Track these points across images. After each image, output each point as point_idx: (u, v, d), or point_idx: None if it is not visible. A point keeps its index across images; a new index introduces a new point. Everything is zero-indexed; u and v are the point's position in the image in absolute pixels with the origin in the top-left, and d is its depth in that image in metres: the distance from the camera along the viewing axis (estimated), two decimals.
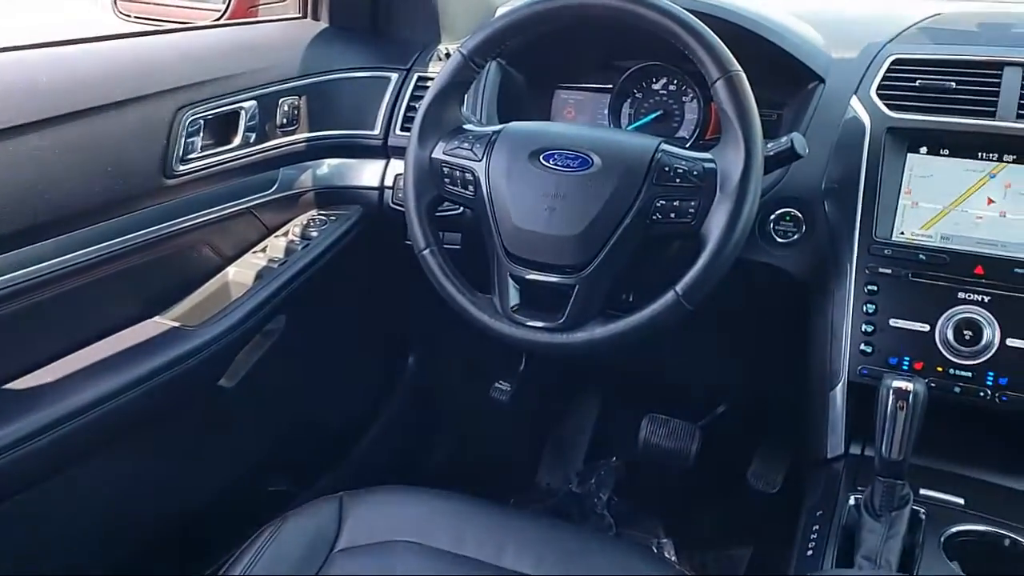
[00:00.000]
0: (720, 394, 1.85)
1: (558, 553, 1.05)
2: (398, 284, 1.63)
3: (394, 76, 1.55)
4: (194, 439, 1.41)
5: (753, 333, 1.56)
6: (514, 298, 1.16)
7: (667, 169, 1.09)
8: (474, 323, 1.18)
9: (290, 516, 1.11)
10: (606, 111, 1.50)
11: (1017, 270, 1.13)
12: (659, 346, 1.14)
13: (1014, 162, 1.16)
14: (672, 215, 1.09)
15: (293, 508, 1.14)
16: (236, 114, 1.35)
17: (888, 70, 1.26)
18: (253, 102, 1.37)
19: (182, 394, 1.29)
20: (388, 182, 1.52)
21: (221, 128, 1.35)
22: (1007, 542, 1.03)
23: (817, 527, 1.07)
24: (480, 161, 1.17)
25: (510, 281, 1.16)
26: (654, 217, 1.09)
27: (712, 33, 1.08)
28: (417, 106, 1.24)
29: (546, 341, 1.13)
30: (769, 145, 1.11)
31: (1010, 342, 1.12)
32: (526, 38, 1.22)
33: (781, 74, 1.30)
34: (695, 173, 1.08)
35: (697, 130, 1.43)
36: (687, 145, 1.39)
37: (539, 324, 1.13)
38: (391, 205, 1.50)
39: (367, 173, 1.54)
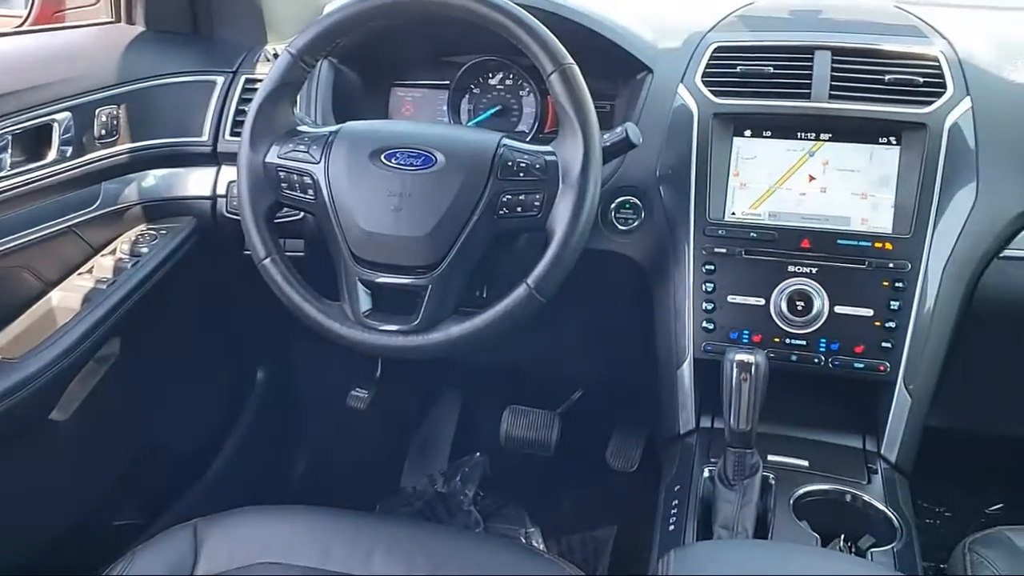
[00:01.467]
0: (577, 380, 1.89)
1: (427, 554, 1.04)
2: (240, 296, 1.57)
3: (220, 79, 1.49)
4: (28, 479, 1.31)
5: (604, 319, 1.60)
6: (365, 303, 1.13)
7: (510, 164, 1.09)
8: (324, 332, 1.14)
9: (140, 550, 1.05)
10: (445, 107, 1.49)
11: (840, 242, 1.20)
12: (516, 339, 1.14)
13: (830, 140, 1.24)
14: (519, 209, 1.09)
15: (143, 541, 1.07)
16: (48, 127, 1.26)
17: (711, 58, 1.31)
18: (67, 113, 1.28)
19: (9, 432, 1.19)
20: (221, 190, 1.45)
21: (32, 143, 1.25)
22: (848, 497, 1.10)
23: (676, 502, 1.11)
24: (318, 163, 1.14)
25: (359, 286, 1.13)
26: (501, 212, 1.09)
27: (543, 27, 1.09)
28: (247, 109, 1.19)
29: (401, 344, 1.12)
30: (605, 136, 1.14)
31: (838, 309, 1.19)
32: (357, 35, 1.19)
33: (612, 66, 1.34)
34: (537, 166, 1.09)
35: (536, 123, 1.45)
36: (528, 139, 1.40)
37: (393, 328, 1.11)
38: (226, 214, 1.44)
39: (197, 182, 1.47)
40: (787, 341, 1.21)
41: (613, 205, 1.31)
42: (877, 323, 1.18)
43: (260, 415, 1.86)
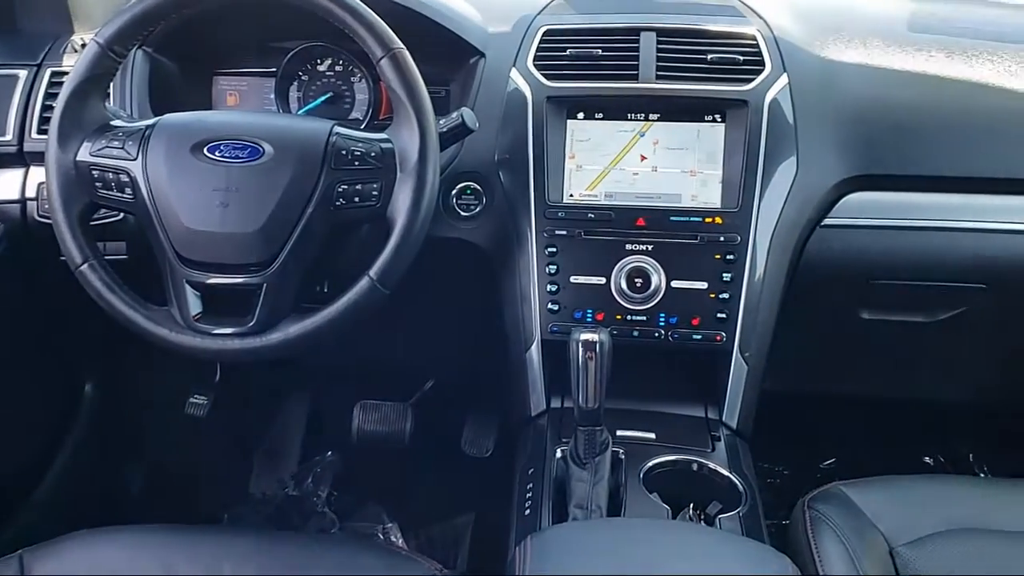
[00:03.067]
0: (428, 370, 1.87)
1: (280, 561, 1.00)
2: (61, 306, 1.45)
3: (23, 73, 1.37)
4: None
5: (451, 306, 1.59)
6: (195, 306, 1.07)
7: (344, 152, 1.06)
8: (153, 340, 1.07)
9: None
10: (273, 96, 1.43)
11: (672, 218, 1.24)
12: (363, 332, 1.11)
13: (659, 120, 1.27)
14: (356, 199, 1.06)
15: None
16: None
17: (541, 41, 1.32)
18: None
19: None
20: (30, 192, 1.33)
21: None
22: (694, 466, 1.14)
23: (531, 485, 1.11)
24: (135, 160, 1.06)
25: (188, 288, 1.07)
26: (338, 203, 1.06)
27: (370, 11, 1.06)
28: (54, 105, 1.09)
29: (238, 348, 1.06)
30: (441, 122, 1.12)
31: (674, 284, 1.23)
32: (173, 22, 1.12)
33: (443, 50, 1.32)
34: (373, 155, 1.06)
35: (370, 110, 1.41)
36: (362, 126, 1.37)
37: (228, 330, 1.06)
38: (37, 218, 1.32)
39: (4, 185, 1.34)
40: (628, 317, 1.24)
41: (454, 191, 1.30)
42: (712, 295, 1.23)
43: (91, 430, 1.74)
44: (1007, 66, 1.29)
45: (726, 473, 1.12)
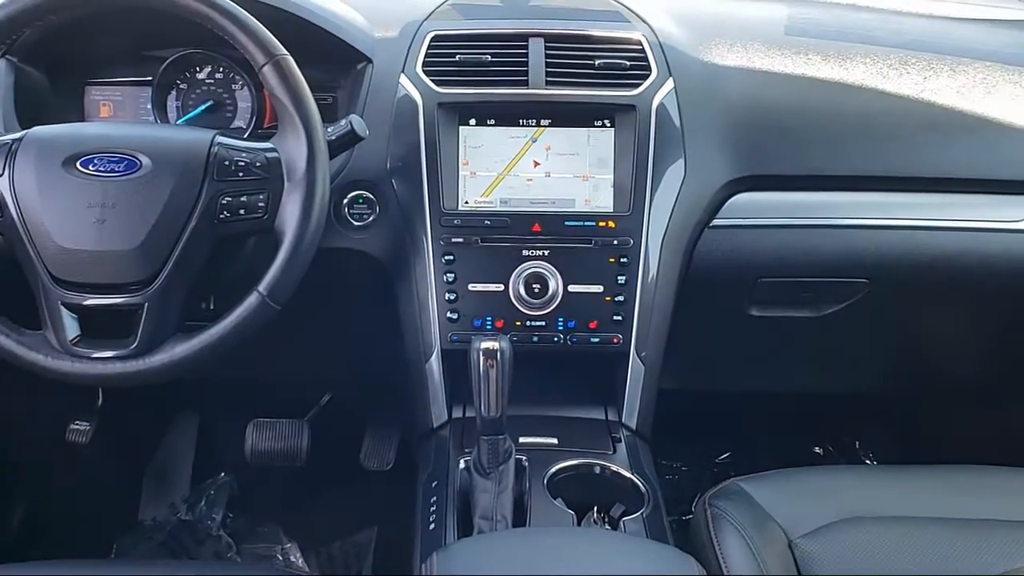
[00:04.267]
0: (324, 384, 1.83)
1: None
2: None
3: None
4: None
5: (347, 318, 1.55)
6: (72, 329, 1.01)
7: (227, 163, 1.02)
8: (27, 366, 1.01)
9: None
10: (150, 106, 1.37)
11: (567, 223, 1.24)
12: (255, 348, 1.07)
13: (550, 125, 1.27)
14: (241, 212, 1.02)
15: None
16: None
17: (429, 47, 1.30)
18: None
19: None
20: None
21: None
22: (597, 469, 1.14)
23: (435, 498, 1.09)
24: (1, 176, 1.00)
25: (64, 311, 1.01)
26: (222, 216, 1.02)
27: (250, 17, 1.03)
28: None
29: (120, 372, 1.01)
30: (329, 129, 1.09)
31: (571, 288, 1.23)
32: (38, 30, 1.06)
33: (329, 56, 1.29)
34: (258, 164, 1.03)
35: (254, 118, 1.37)
36: (245, 135, 1.32)
37: (108, 354, 1.00)
38: None
39: None
40: (528, 323, 1.24)
41: (346, 200, 1.27)
42: (608, 298, 1.24)
43: None
44: (878, 68, 1.34)
45: (628, 474, 1.13)
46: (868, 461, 1.88)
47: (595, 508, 1.10)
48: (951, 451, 1.42)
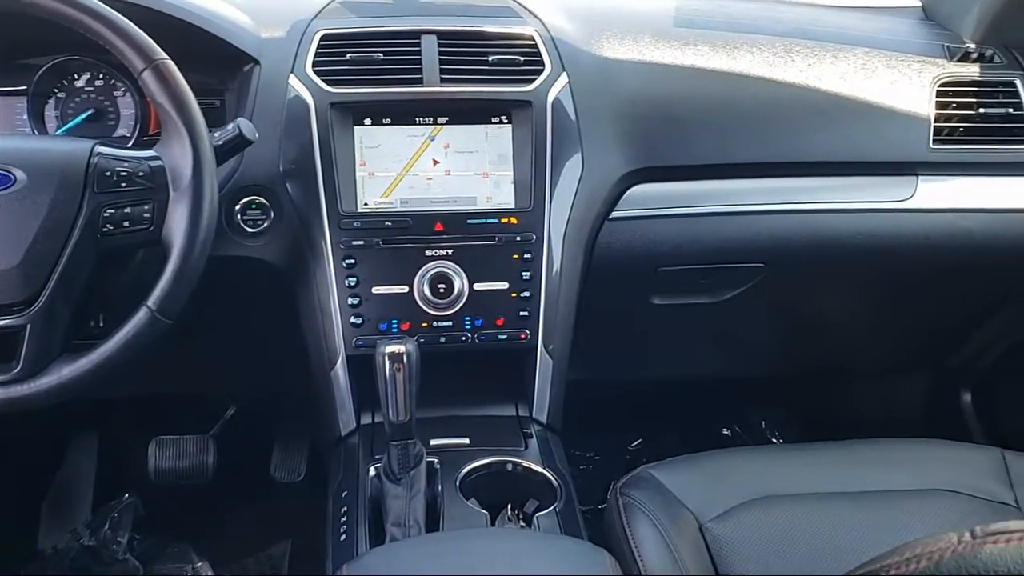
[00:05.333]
0: (228, 397, 1.77)
1: None
2: None
3: None
4: None
5: (247, 328, 1.51)
6: None
7: (108, 174, 0.98)
8: None
9: None
10: (26, 116, 1.30)
11: (469, 221, 1.23)
12: (153, 363, 1.03)
13: (448, 123, 1.26)
14: (126, 224, 0.99)
15: None
16: None
17: (319, 46, 1.27)
18: None
19: None
20: None
21: None
22: (509, 467, 1.14)
23: (345, 508, 1.07)
24: None
25: None
26: (105, 229, 0.98)
27: (127, 21, 0.99)
28: None
29: (4, 398, 0.96)
30: (216, 134, 1.06)
31: (477, 286, 1.23)
32: None
33: (213, 58, 1.24)
34: (141, 174, 0.99)
35: (138, 126, 1.31)
36: (130, 144, 1.27)
37: None
38: None
39: None
40: (434, 324, 1.22)
41: (238, 207, 1.23)
42: (513, 295, 1.23)
43: None
44: (764, 56, 1.37)
45: (540, 470, 1.13)
46: (774, 440, 1.94)
47: (509, 505, 1.10)
48: (851, 426, 1.47)
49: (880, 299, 1.56)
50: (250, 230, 1.23)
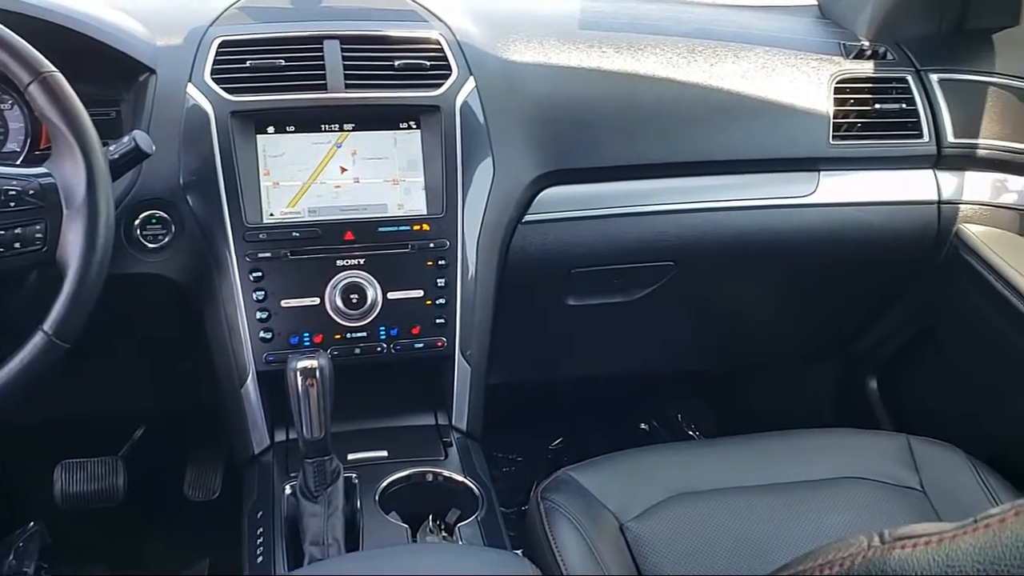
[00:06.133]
0: (137, 417, 1.71)
1: None
2: None
3: None
4: None
5: (153, 346, 1.46)
6: None
7: None
8: None
9: None
10: None
11: (381, 229, 1.21)
12: (56, 386, 0.99)
13: (354, 129, 1.23)
14: (17, 245, 0.94)
15: None
16: None
17: (217, 53, 1.23)
18: None
19: None
20: None
21: None
22: (429, 477, 1.13)
23: (261, 529, 1.05)
24: None
25: None
26: None
27: (10, 32, 0.94)
28: None
29: None
30: (111, 148, 1.02)
31: (391, 295, 1.21)
32: None
33: (106, 69, 1.19)
34: (31, 192, 0.94)
35: (28, 141, 1.25)
36: (20, 160, 1.21)
37: None
38: None
39: None
40: (348, 335, 1.20)
41: (137, 222, 1.18)
42: (428, 302, 1.22)
43: None
44: (668, 57, 1.39)
45: (461, 479, 1.12)
46: (692, 433, 1.98)
47: (431, 517, 1.09)
48: (765, 416, 1.50)
49: (788, 292, 1.60)
50: (150, 246, 1.19)
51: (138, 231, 1.18)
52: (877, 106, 1.43)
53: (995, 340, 1.42)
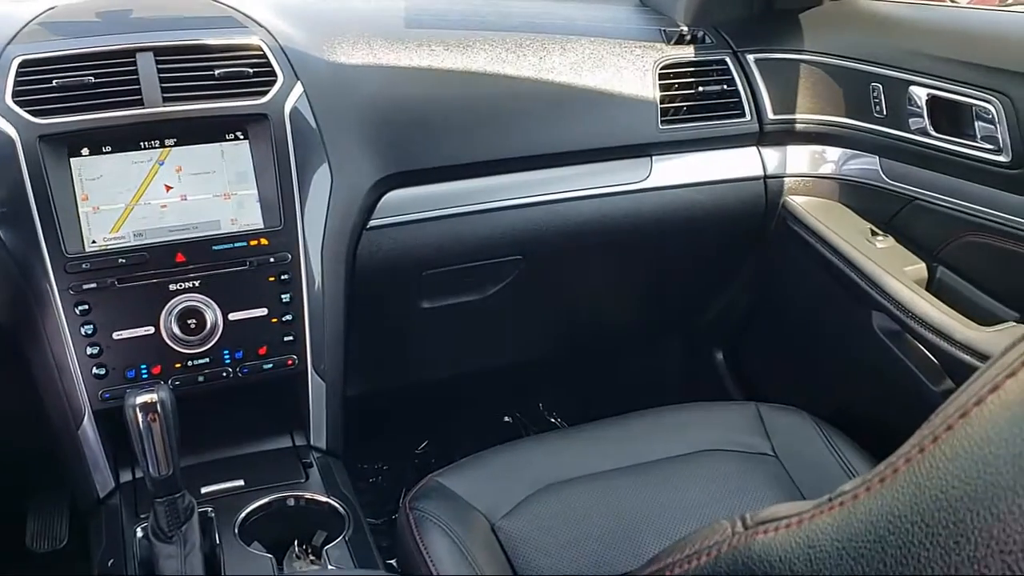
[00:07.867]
0: None
1: None
2: None
3: None
4: None
5: None
6: None
7: None
8: None
9: None
10: None
11: (215, 247, 1.16)
12: None
13: (176, 145, 1.17)
14: None
15: None
16: None
17: (18, 74, 1.14)
18: None
19: None
20: None
21: None
22: (290, 502, 1.08)
23: None
24: None
25: None
26: None
27: None
28: None
29: None
30: None
31: (232, 316, 1.15)
32: None
33: None
34: None
35: None
36: None
37: None
38: None
39: None
40: (189, 363, 1.14)
41: None
42: (274, 320, 1.18)
43: None
44: (498, 52, 1.39)
45: (324, 499, 1.09)
46: (555, 421, 2.00)
47: (296, 542, 1.05)
48: (624, 398, 1.53)
49: (632, 274, 1.64)
50: None
51: None
52: (700, 89, 1.48)
53: (825, 303, 1.51)
